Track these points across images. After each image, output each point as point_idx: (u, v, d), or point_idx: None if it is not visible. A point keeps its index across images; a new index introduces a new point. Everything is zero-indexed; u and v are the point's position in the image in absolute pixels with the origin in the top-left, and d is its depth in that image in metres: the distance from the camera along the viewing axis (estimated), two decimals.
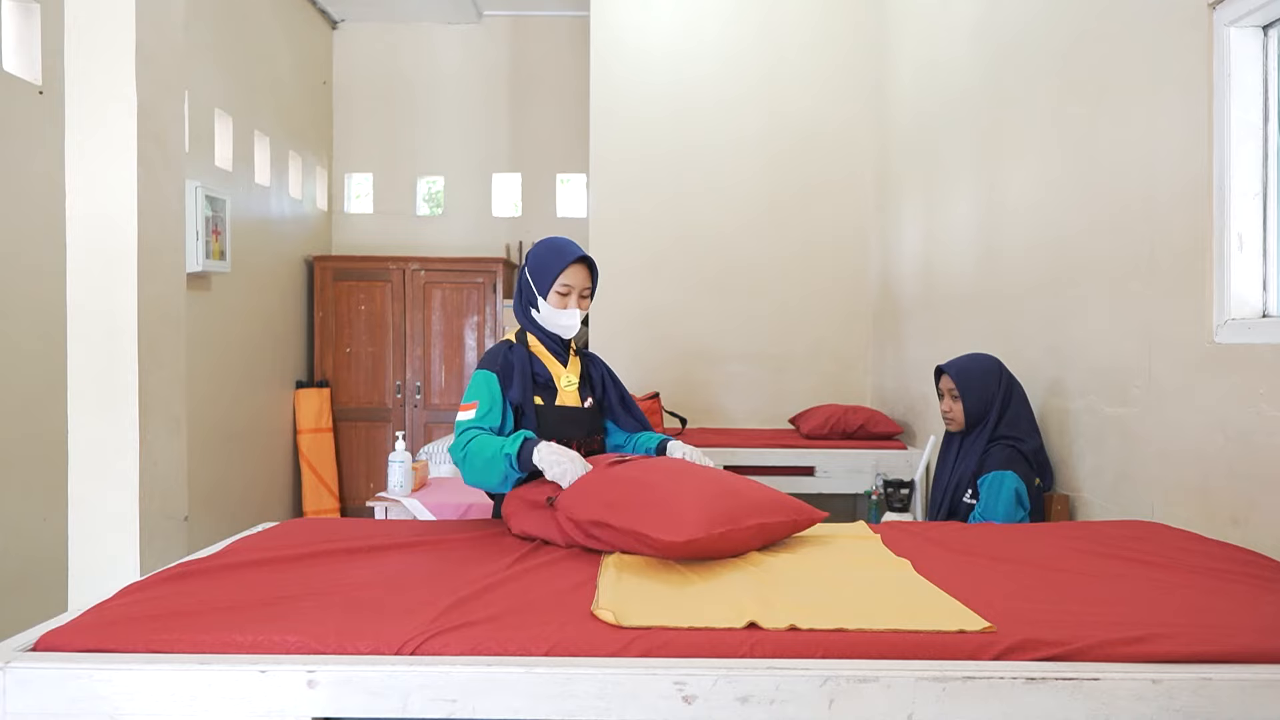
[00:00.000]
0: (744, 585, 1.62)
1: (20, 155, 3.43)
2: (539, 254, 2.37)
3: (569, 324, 2.34)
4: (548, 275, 2.32)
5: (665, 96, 5.38)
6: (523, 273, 2.39)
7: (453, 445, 2.19)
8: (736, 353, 5.37)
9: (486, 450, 2.11)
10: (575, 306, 2.33)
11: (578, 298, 2.34)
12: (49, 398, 3.44)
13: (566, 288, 2.32)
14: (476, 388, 2.26)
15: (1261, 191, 2.10)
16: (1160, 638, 1.38)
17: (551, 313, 2.32)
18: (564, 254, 2.33)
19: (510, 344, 2.36)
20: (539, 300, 2.33)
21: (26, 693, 1.30)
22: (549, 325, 2.35)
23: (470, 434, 2.17)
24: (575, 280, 2.32)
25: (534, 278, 2.34)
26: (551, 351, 2.37)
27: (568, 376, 2.37)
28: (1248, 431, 2.01)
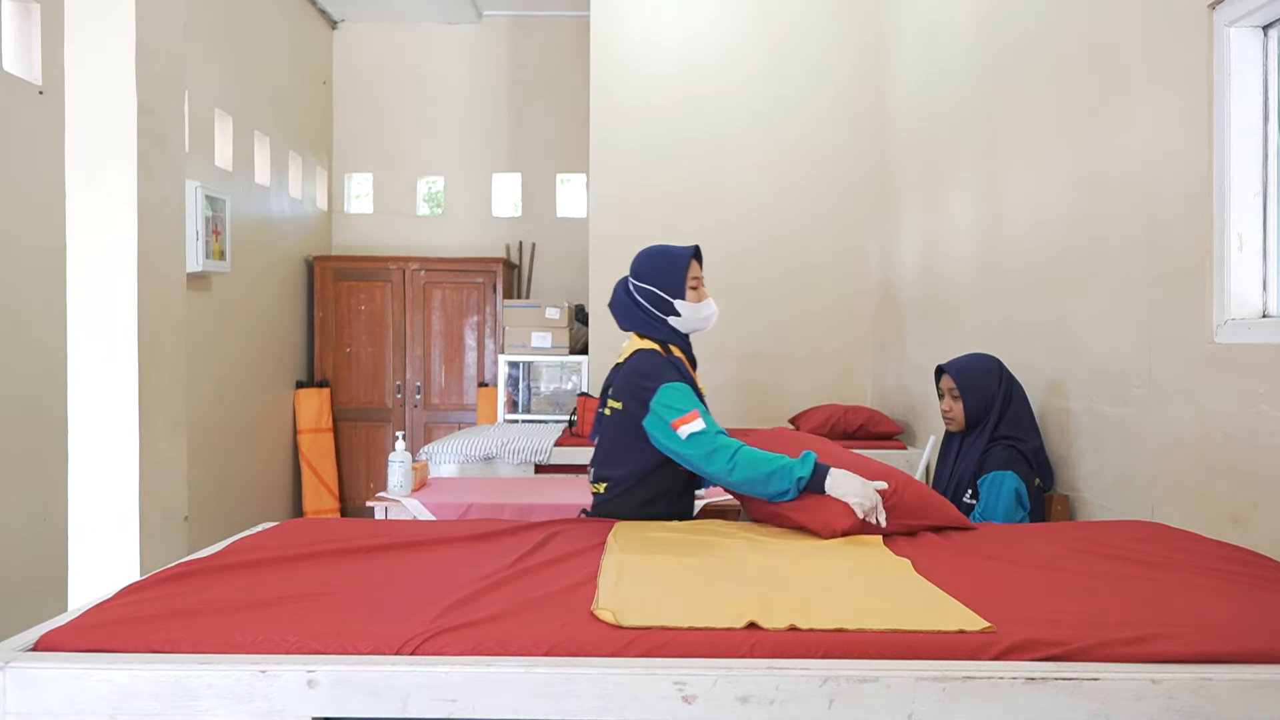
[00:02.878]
0: (744, 585, 1.62)
1: (20, 155, 3.43)
2: (653, 262, 2.41)
3: (711, 313, 2.39)
4: (676, 275, 2.36)
5: (665, 96, 5.38)
6: (630, 291, 2.42)
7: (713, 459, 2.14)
8: (736, 353, 5.37)
9: (764, 466, 2.11)
10: (708, 296, 2.39)
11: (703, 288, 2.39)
12: (49, 398, 3.44)
13: (695, 280, 2.38)
14: (685, 398, 2.23)
15: (1261, 191, 2.10)
16: (1160, 638, 1.38)
17: (694, 309, 2.36)
18: (680, 250, 2.40)
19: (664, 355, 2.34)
20: (676, 303, 2.35)
21: (26, 693, 1.30)
22: (693, 323, 2.38)
23: (731, 443, 2.16)
24: (698, 271, 2.40)
25: (661, 284, 2.37)
26: (689, 359, 2.42)
27: (700, 384, 2.39)
28: (1248, 431, 2.01)
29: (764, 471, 2.10)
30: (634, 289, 2.42)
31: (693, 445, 2.18)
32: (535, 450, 4.13)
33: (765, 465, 2.11)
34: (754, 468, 2.12)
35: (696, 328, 2.40)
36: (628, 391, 2.31)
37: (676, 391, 2.24)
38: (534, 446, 4.15)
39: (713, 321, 2.40)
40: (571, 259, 6.49)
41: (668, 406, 2.22)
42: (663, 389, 2.24)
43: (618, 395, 2.35)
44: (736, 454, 2.13)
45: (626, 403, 2.31)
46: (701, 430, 2.18)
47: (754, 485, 2.13)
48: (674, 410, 2.21)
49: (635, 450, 2.32)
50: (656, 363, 2.31)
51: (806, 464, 2.08)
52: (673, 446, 2.21)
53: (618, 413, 2.34)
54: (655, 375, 2.27)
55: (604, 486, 2.40)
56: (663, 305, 2.36)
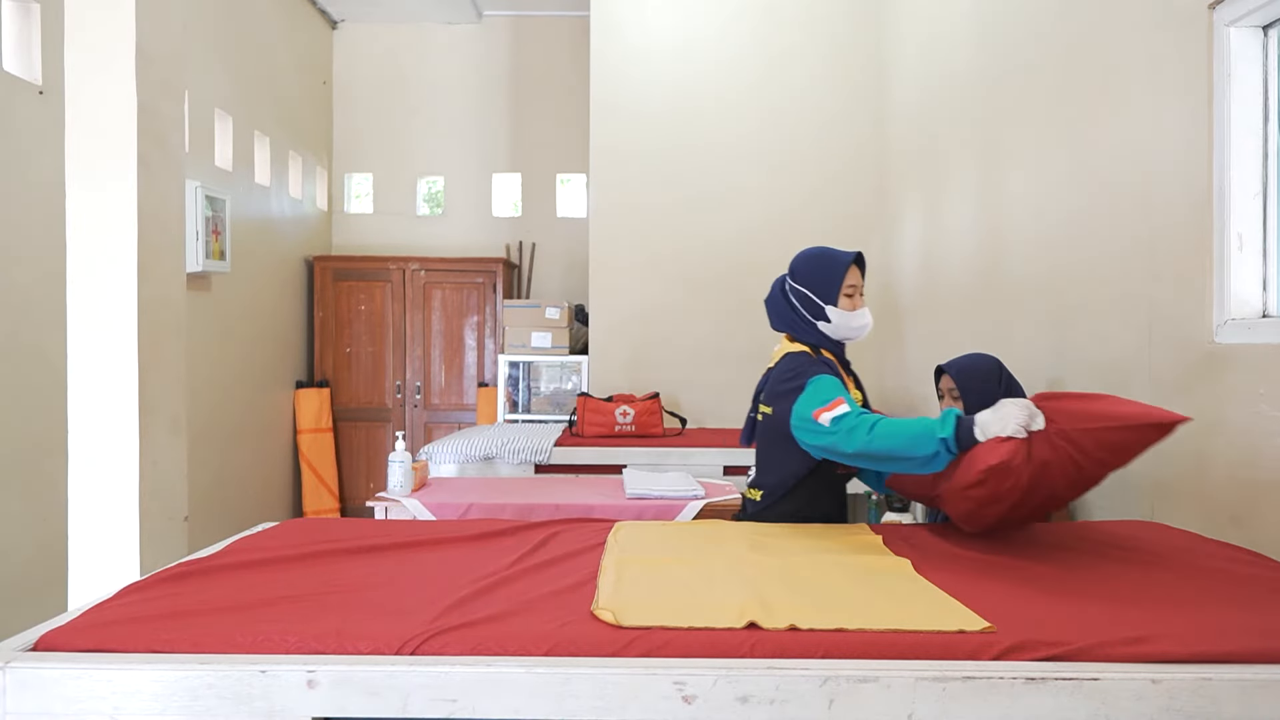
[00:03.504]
0: (744, 585, 1.62)
1: (20, 155, 3.43)
2: (811, 264, 2.34)
3: (864, 323, 2.31)
4: (833, 280, 2.29)
5: (665, 96, 5.38)
6: (786, 291, 2.38)
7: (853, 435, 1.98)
8: (737, 353, 5.37)
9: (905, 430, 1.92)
10: (863, 306, 2.32)
11: (859, 296, 2.32)
12: (49, 398, 3.44)
13: (852, 288, 2.30)
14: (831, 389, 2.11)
15: (1261, 191, 2.10)
16: (1160, 638, 1.38)
17: (845, 317, 2.29)
18: (841, 255, 2.32)
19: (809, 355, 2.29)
20: (826, 309, 2.29)
21: (26, 693, 1.30)
22: (842, 332, 2.31)
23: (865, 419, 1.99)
24: (856, 279, 2.32)
25: (815, 288, 2.31)
26: (841, 365, 2.34)
27: (855, 393, 2.32)
28: (1248, 431, 2.01)
29: (906, 435, 1.92)
30: (789, 289, 2.38)
31: (834, 427, 2.04)
32: (535, 450, 4.13)
33: (907, 429, 1.93)
34: (895, 434, 1.93)
35: (847, 336, 2.33)
36: (777, 395, 2.28)
37: (823, 383, 2.14)
38: (534, 446, 4.15)
39: (865, 333, 2.32)
40: (571, 259, 6.49)
41: (810, 399, 2.11)
42: (810, 383, 2.16)
43: (768, 400, 2.33)
44: (876, 425, 1.97)
45: (776, 407, 2.28)
46: (844, 413, 2.03)
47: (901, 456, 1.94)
48: (818, 401, 2.09)
49: (787, 455, 2.28)
50: (802, 361, 2.27)
51: (948, 423, 1.88)
52: (815, 440, 2.08)
53: (769, 417, 2.33)
54: (802, 373, 2.22)
55: (760, 494, 2.39)
56: (814, 309, 2.32)
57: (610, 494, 3.16)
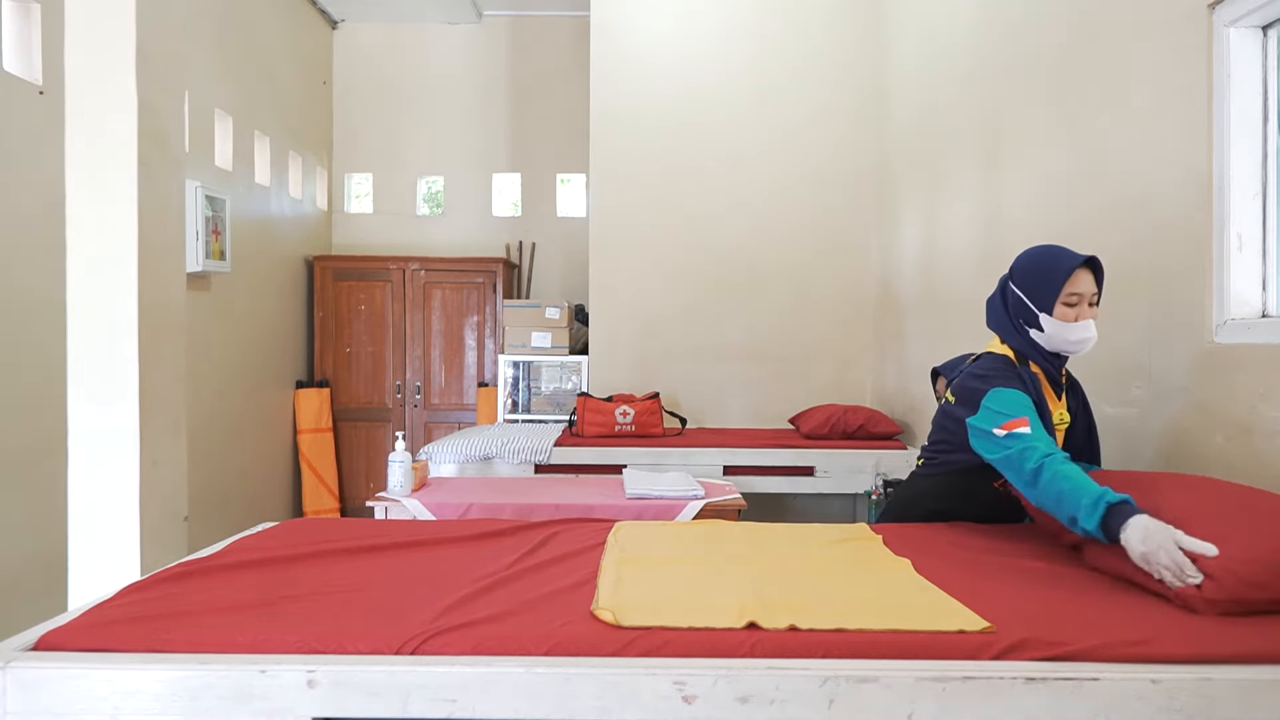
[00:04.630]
0: (744, 585, 1.62)
1: (20, 155, 3.43)
2: (1033, 263, 2.12)
3: (1084, 337, 2.06)
4: (1050, 285, 2.05)
5: (665, 96, 5.38)
6: (1007, 291, 2.16)
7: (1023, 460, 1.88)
8: (736, 353, 5.37)
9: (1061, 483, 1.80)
10: (1089, 317, 2.06)
11: (1087, 306, 2.06)
12: (49, 398, 3.44)
13: (1075, 296, 2.05)
14: (1018, 405, 1.98)
15: (1261, 191, 2.10)
16: (1160, 638, 1.38)
17: (1061, 329, 2.05)
18: (1066, 259, 2.07)
19: (1015, 364, 2.12)
20: (1041, 317, 2.07)
21: (26, 692, 1.30)
22: (1056, 343, 2.08)
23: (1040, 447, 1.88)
24: (1083, 287, 2.05)
25: (1030, 292, 2.09)
26: (1049, 380, 2.15)
27: (1060, 413, 2.15)
28: (1248, 431, 2.01)
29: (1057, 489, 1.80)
30: (1006, 291, 2.18)
31: (1010, 442, 1.93)
32: (535, 450, 4.13)
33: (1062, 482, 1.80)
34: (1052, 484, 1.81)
35: (1063, 349, 2.10)
36: (962, 390, 2.18)
37: (1009, 396, 2.01)
38: (534, 446, 4.15)
39: (1085, 347, 2.08)
40: (571, 259, 6.49)
41: (996, 411, 2.00)
42: (994, 392, 2.04)
43: (955, 390, 2.24)
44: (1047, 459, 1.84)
45: (960, 399, 2.19)
46: (1025, 433, 1.92)
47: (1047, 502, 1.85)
48: (1001, 415, 1.98)
49: (954, 448, 2.24)
50: (998, 366, 2.11)
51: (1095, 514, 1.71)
52: (987, 450, 2.00)
53: (949, 405, 2.26)
54: (990, 378, 2.08)
55: (922, 463, 2.40)
56: (1027, 315, 2.10)
57: (610, 494, 3.16)
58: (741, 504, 3.09)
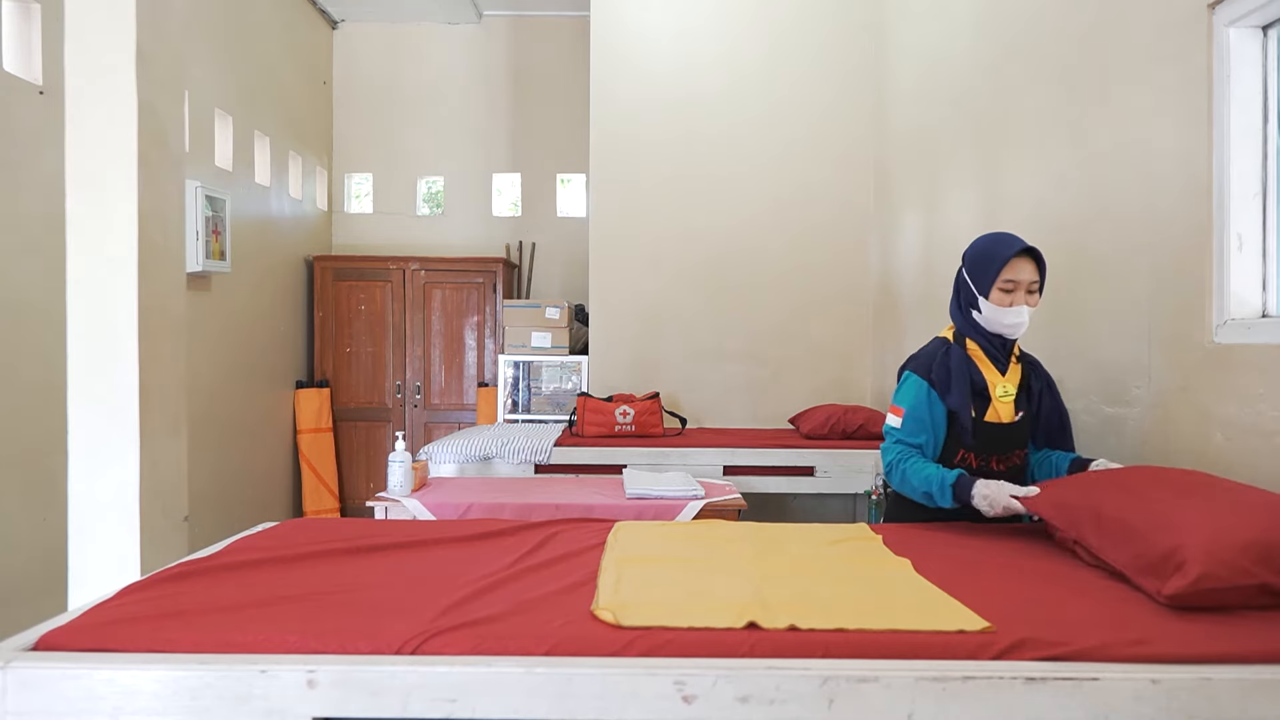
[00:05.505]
0: (744, 585, 1.62)
1: (20, 155, 3.43)
2: (977, 250, 2.30)
3: (1015, 322, 2.23)
4: (988, 271, 2.23)
5: (666, 96, 5.38)
6: (960, 273, 2.34)
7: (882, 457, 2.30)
8: (736, 353, 5.37)
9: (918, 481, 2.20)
10: (1022, 304, 2.23)
11: (1024, 294, 2.23)
12: (49, 398, 3.44)
13: (1010, 283, 2.21)
14: (906, 394, 2.28)
15: (1261, 191, 2.10)
16: (1160, 638, 1.38)
17: (995, 311, 2.23)
18: (1005, 246, 2.23)
19: (947, 344, 2.31)
20: (979, 300, 2.25)
21: (26, 692, 1.30)
22: (991, 326, 2.25)
23: (900, 450, 2.26)
24: (1020, 274, 2.21)
25: (973, 275, 2.27)
26: (990, 357, 2.29)
27: (1004, 386, 2.27)
28: (1248, 431, 2.01)
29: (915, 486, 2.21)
30: (960, 272, 2.35)
31: (885, 435, 2.32)
32: (535, 450, 4.13)
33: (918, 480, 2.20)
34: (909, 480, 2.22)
35: (998, 331, 2.26)
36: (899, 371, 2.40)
37: (906, 382, 2.30)
38: (534, 446, 4.15)
39: (1017, 331, 2.25)
40: (571, 259, 6.50)
41: (896, 392, 2.32)
42: (904, 375, 2.33)
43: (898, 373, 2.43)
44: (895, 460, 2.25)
45: None
46: (892, 427, 2.29)
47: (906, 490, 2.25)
48: (894, 398, 2.32)
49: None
50: (925, 351, 2.35)
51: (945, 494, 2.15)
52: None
53: None
54: (911, 360, 2.34)
55: None
56: (969, 297, 2.29)
57: (610, 494, 3.16)
58: (741, 504, 3.09)
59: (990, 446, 2.26)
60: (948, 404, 2.22)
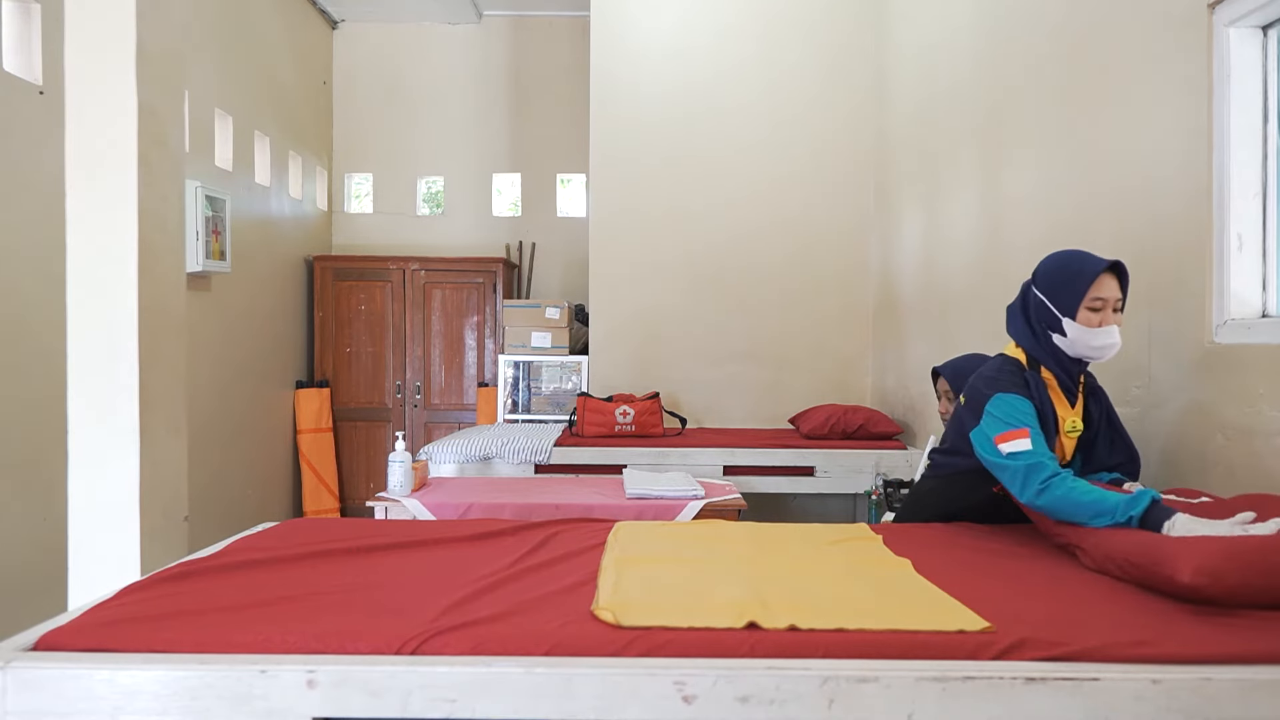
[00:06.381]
0: (744, 585, 1.62)
1: (20, 155, 3.43)
2: (1055, 267, 2.12)
3: (1108, 343, 2.05)
4: (1074, 289, 2.04)
5: (665, 96, 5.38)
6: (1029, 295, 2.16)
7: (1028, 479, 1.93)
8: (736, 353, 5.37)
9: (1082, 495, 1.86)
10: (1113, 323, 2.05)
11: (1111, 312, 2.06)
12: (49, 398, 3.44)
13: (1100, 301, 2.04)
14: (1019, 413, 2.01)
15: (1261, 191, 2.10)
16: (1160, 638, 1.38)
17: (1084, 334, 2.04)
18: (1091, 262, 2.06)
19: (1022, 367, 2.13)
20: (1064, 322, 2.06)
21: (26, 692, 1.30)
22: (1077, 349, 2.07)
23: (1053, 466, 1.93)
24: (1108, 292, 2.05)
25: (1053, 295, 2.08)
26: (1063, 387, 2.13)
27: (1073, 420, 2.13)
28: (1248, 431, 2.01)
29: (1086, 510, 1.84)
30: (1029, 294, 2.17)
31: (1012, 461, 1.98)
32: (535, 450, 4.13)
33: (1087, 504, 1.84)
34: (1072, 504, 1.86)
35: (1086, 355, 2.08)
36: (971, 392, 2.18)
37: (1009, 403, 2.03)
38: (534, 446, 4.15)
39: (1109, 353, 2.07)
40: (571, 259, 6.50)
41: (997, 419, 2.03)
42: (997, 397, 2.05)
43: (965, 393, 2.22)
44: (1054, 478, 1.91)
45: (968, 401, 2.18)
46: (1020, 449, 1.96)
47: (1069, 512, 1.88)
48: (1001, 423, 2.01)
49: (958, 451, 2.24)
50: (1006, 370, 2.12)
51: (1140, 502, 1.77)
52: (992, 459, 2.03)
53: (959, 408, 2.26)
54: (997, 381, 2.10)
55: (930, 464, 2.42)
56: (1050, 319, 2.09)
57: (610, 494, 3.16)
58: (741, 504, 3.09)
59: None
60: None
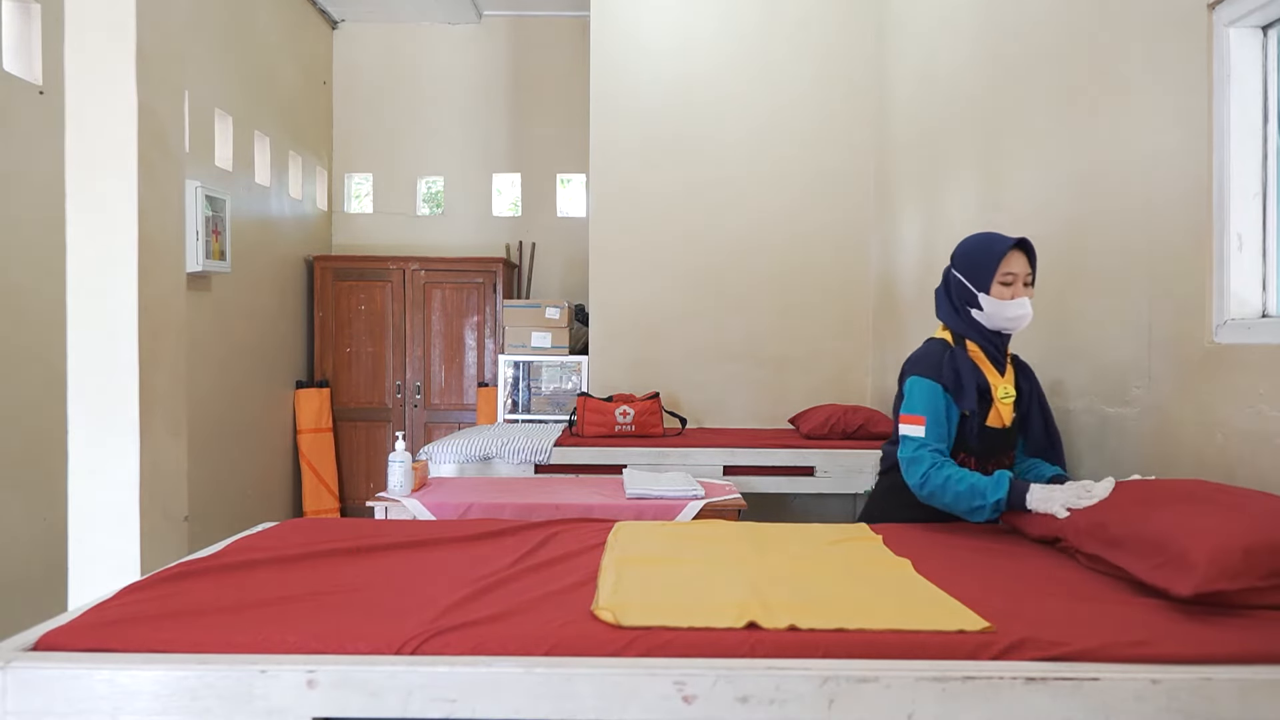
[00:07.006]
0: (744, 585, 1.62)
1: (20, 155, 3.43)
2: (970, 248, 2.31)
3: (1019, 314, 2.23)
4: (987, 266, 2.23)
5: (665, 95, 5.38)
6: (949, 275, 2.35)
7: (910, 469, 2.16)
8: (736, 353, 5.37)
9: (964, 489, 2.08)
10: (1024, 295, 2.24)
11: (1022, 285, 2.24)
12: (49, 398, 3.44)
13: (1010, 276, 2.23)
14: (923, 399, 2.19)
15: (1261, 191, 2.10)
16: (1160, 638, 1.38)
17: (999, 306, 2.23)
18: (999, 241, 2.25)
19: (948, 345, 2.28)
20: (979, 296, 2.24)
21: (26, 692, 1.30)
22: (994, 321, 2.25)
23: (933, 458, 2.13)
24: (1017, 267, 2.24)
25: (969, 274, 2.27)
26: (990, 358, 2.29)
27: (1005, 387, 2.27)
28: (1248, 431, 2.01)
29: (954, 490, 2.08)
30: (948, 275, 2.36)
31: (903, 446, 2.19)
32: (535, 450, 4.13)
33: (959, 483, 2.08)
34: (949, 493, 2.10)
35: (1001, 326, 2.26)
36: (901, 375, 2.33)
37: (919, 386, 2.21)
38: (534, 446, 4.15)
39: (1022, 324, 2.25)
40: (571, 259, 6.50)
41: (906, 398, 2.22)
42: (910, 380, 2.24)
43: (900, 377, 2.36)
44: (931, 469, 2.11)
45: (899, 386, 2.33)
46: (916, 436, 2.16)
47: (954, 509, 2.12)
48: (908, 405, 2.21)
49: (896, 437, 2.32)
50: (928, 352, 2.28)
51: (1000, 486, 2.04)
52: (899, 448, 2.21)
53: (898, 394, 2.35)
54: (915, 364, 2.27)
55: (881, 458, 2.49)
56: (967, 296, 2.28)
57: (610, 494, 3.16)
58: (741, 504, 3.09)
59: (990, 450, 2.27)
60: (961, 406, 2.20)
